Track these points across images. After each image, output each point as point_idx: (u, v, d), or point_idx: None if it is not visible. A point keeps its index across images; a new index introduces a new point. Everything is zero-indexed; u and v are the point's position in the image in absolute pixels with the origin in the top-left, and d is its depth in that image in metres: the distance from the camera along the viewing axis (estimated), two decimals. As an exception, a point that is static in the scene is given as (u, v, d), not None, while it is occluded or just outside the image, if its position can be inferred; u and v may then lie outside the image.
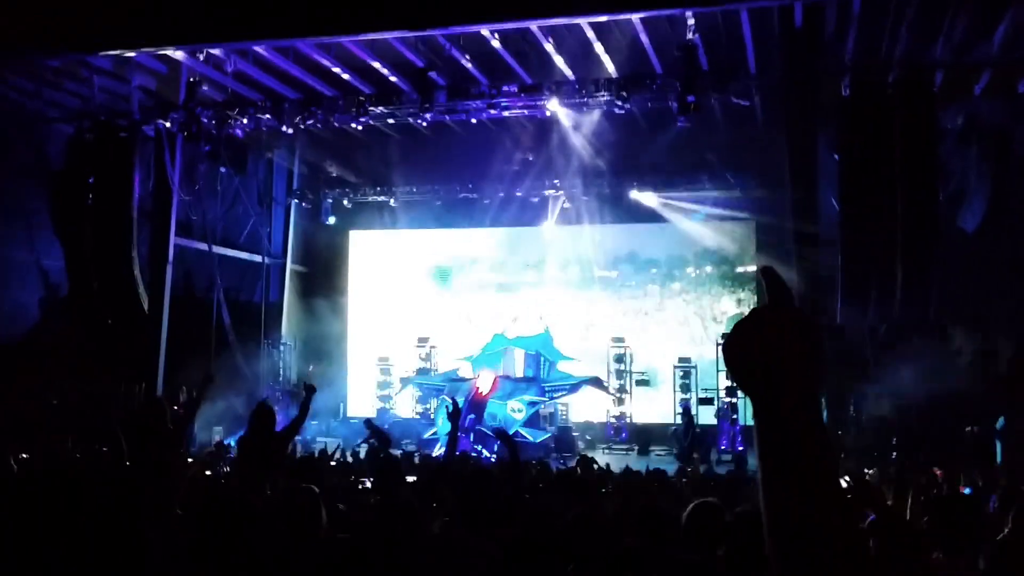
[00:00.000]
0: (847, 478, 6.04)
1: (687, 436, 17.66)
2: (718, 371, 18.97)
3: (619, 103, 15.46)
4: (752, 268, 20.59)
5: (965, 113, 15.96)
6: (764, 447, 1.12)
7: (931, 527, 4.20)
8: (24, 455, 7.98)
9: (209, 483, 6.99)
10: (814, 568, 1.03)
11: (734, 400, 18.29)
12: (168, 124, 16.70)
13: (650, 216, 20.38)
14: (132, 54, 15.50)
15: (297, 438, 9.75)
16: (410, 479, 7.23)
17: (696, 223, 20.42)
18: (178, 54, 15.76)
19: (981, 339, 15.30)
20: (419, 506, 4.25)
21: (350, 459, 12.38)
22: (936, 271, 14.40)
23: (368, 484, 7.64)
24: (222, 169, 19.31)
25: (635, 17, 13.79)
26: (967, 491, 7.78)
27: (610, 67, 15.64)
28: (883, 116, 14.73)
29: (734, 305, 20.81)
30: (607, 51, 15.30)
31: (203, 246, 18.81)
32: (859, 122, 14.94)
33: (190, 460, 10.40)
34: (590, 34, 14.65)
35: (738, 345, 1.14)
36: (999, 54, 14.66)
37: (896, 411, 14.64)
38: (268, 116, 17.04)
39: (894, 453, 13.95)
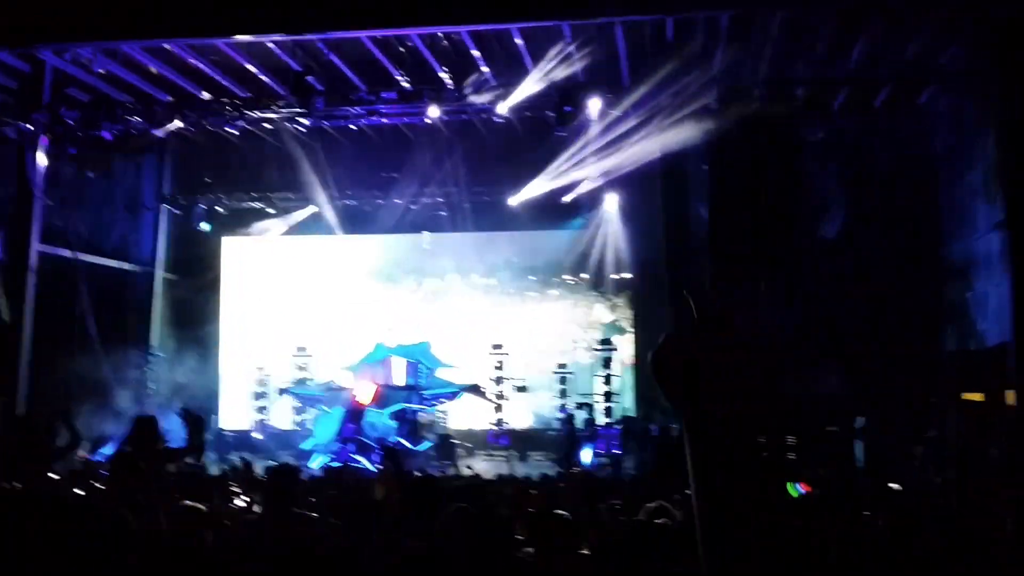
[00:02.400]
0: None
1: (569, 440, 17.93)
2: (592, 376, 19.37)
3: (498, 111, 15.62)
4: (627, 275, 21.07)
5: (825, 127, 16.76)
6: (692, 452, 1.18)
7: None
8: None
9: (79, 503, 6.72)
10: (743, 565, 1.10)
11: (610, 405, 18.71)
12: (31, 126, 15.99)
13: (528, 223, 20.60)
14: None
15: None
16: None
17: (574, 231, 20.77)
18: (43, 53, 15.14)
19: (839, 341, 16.03)
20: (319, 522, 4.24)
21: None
22: (801, 280, 15.06)
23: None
24: (88, 173, 18.61)
25: (513, 27, 14.00)
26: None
27: (489, 76, 15.79)
28: (749, 128, 15.34)
29: (608, 312, 21.25)
30: (486, 60, 15.46)
31: (67, 253, 18.10)
32: (726, 134, 15.51)
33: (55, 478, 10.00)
34: (469, 42, 14.78)
35: (666, 360, 1.21)
36: (856, 71, 15.48)
37: (761, 416, 15.21)
38: (137, 118, 16.53)
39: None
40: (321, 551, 3.75)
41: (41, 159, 16.56)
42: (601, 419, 18.85)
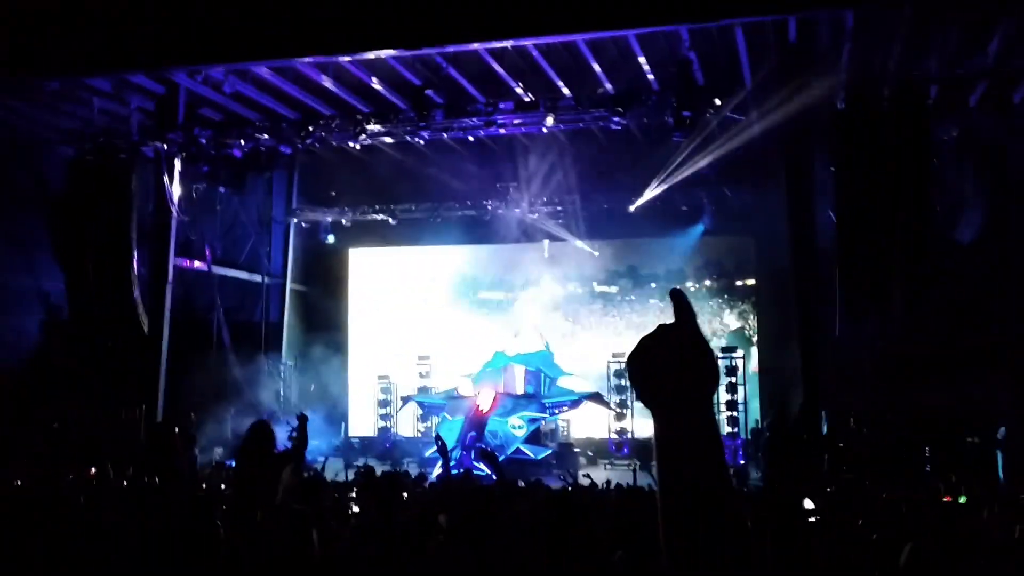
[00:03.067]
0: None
1: None
2: (718, 385, 18.95)
3: (615, 119, 15.51)
4: (751, 282, 20.64)
5: (960, 126, 16.00)
6: (661, 453, 1.18)
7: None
8: (19, 481, 7.98)
9: (203, 502, 6.96)
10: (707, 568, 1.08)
11: (734, 414, 18.29)
12: (166, 145, 16.74)
13: (649, 231, 20.41)
14: (131, 76, 15.60)
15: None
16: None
17: (695, 238, 20.47)
18: (176, 75, 15.84)
19: (980, 350, 15.29)
20: (414, 527, 4.27)
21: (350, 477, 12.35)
22: (934, 285, 14.42)
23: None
24: (221, 189, 19.37)
25: (630, 34, 13.88)
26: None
27: (606, 84, 15.72)
28: (878, 129, 14.80)
29: (735, 319, 20.84)
30: (603, 68, 15.39)
31: (203, 266, 18.87)
32: (855, 135, 15.01)
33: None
34: (586, 51, 14.73)
35: (639, 361, 1.22)
36: (993, 66, 14.73)
37: (897, 424, 14.61)
38: (266, 136, 17.12)
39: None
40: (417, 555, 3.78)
41: (177, 177, 17.30)
42: (725, 428, 18.45)
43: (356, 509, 7.28)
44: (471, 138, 17.38)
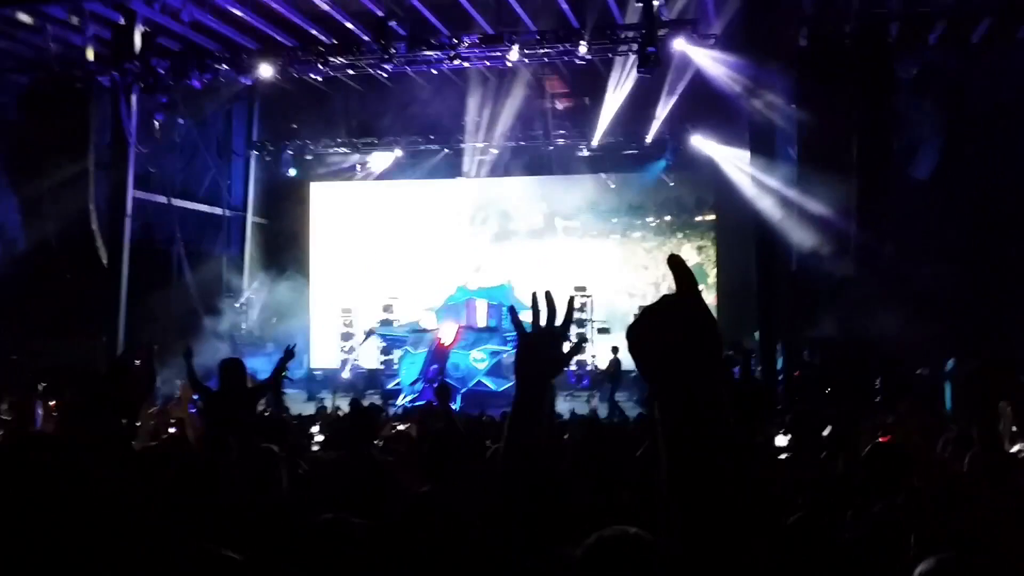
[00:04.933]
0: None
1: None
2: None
3: (580, 53, 15.46)
4: (711, 217, 20.86)
5: (920, 63, 16.16)
6: (665, 428, 1.18)
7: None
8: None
9: (174, 441, 7.03)
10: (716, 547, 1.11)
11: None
12: (123, 75, 16.40)
13: (611, 166, 20.51)
14: (87, 3, 15.24)
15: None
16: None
17: (657, 173, 20.59)
18: (133, 3, 15.50)
19: (933, 285, 15.62)
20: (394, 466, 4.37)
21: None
22: (889, 220, 14.68)
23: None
24: (180, 121, 19.09)
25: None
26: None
27: (572, 20, 15.64)
28: (840, 66, 14.91)
29: (695, 253, 21.08)
30: (568, 2, 15.30)
31: (162, 199, 18.67)
32: (816, 72, 15.10)
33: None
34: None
35: (642, 332, 1.21)
36: (953, 4, 14.86)
37: (849, 356, 14.95)
38: (226, 67, 16.81)
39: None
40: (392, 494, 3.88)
41: (134, 108, 16.99)
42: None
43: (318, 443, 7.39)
44: (435, 71, 17.20)
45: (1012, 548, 2.63)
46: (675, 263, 1.28)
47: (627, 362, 18.99)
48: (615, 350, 18.14)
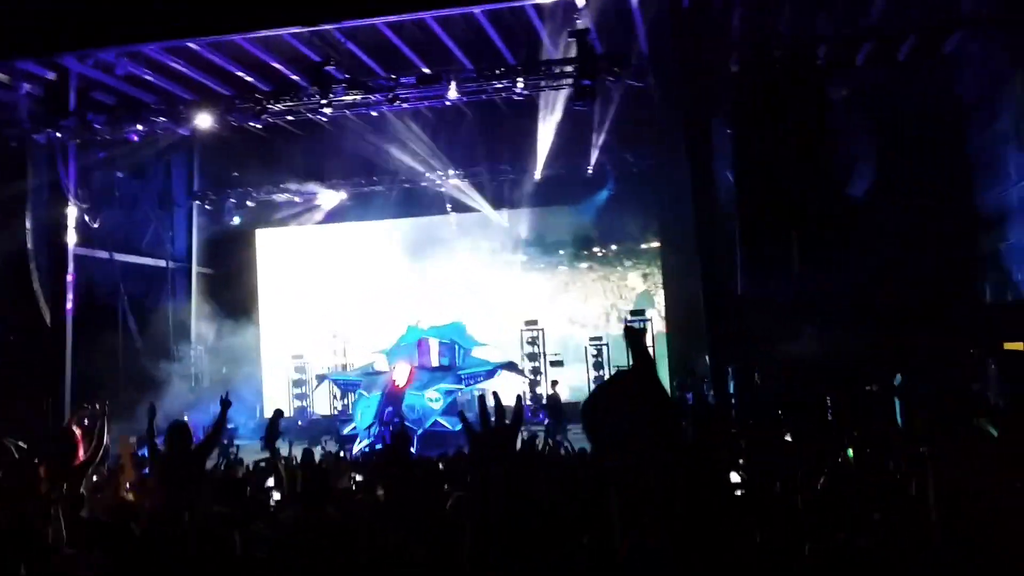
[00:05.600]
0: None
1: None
2: (628, 347, 19.37)
3: (517, 89, 15.60)
4: (655, 244, 21.09)
5: (850, 84, 16.54)
6: (616, 497, 1.19)
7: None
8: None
9: (122, 506, 6.88)
10: None
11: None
12: (59, 132, 16.22)
13: (554, 199, 20.69)
14: (18, 62, 15.08)
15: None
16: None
17: (600, 203, 20.79)
18: (66, 60, 15.36)
19: (877, 301, 15.90)
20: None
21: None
22: (831, 240, 14.94)
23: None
24: (118, 174, 18.89)
25: (526, 3, 13.97)
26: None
27: (507, 56, 15.81)
28: (772, 90, 15.22)
29: (640, 281, 21.27)
30: (502, 38, 15.46)
31: (104, 254, 18.42)
32: (749, 97, 15.40)
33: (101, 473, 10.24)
34: (485, 22, 14.79)
35: (594, 407, 1.24)
36: (878, 24, 15.26)
37: (799, 377, 15.12)
38: (163, 119, 16.70)
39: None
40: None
41: (72, 164, 16.80)
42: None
43: (276, 497, 7.27)
44: (374, 113, 17.24)
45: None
46: (630, 335, 1.33)
47: (574, 395, 19.08)
48: (554, 384, 18.27)
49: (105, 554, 3.82)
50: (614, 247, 21.40)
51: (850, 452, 5.99)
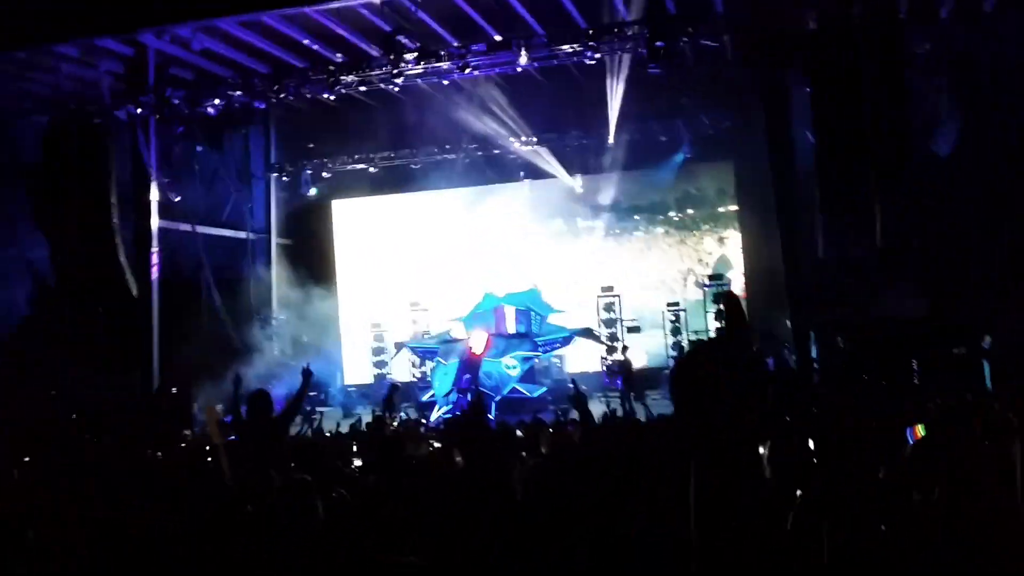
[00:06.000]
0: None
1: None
2: (706, 312, 19.21)
3: (589, 53, 15.42)
4: (733, 208, 20.74)
5: (932, 39, 15.96)
6: (697, 464, 1.14)
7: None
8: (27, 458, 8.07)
9: (210, 474, 7.03)
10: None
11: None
12: (140, 108, 16.59)
13: (630, 163, 20.46)
14: (97, 40, 15.42)
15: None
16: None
17: (676, 168, 20.52)
18: (144, 36, 15.66)
19: (962, 262, 15.44)
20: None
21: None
22: (914, 199, 14.51)
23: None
24: (198, 148, 19.26)
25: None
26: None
27: (579, 19, 15.62)
28: (851, 47, 14.76)
29: (717, 245, 20.97)
30: (574, 3, 15.27)
31: (187, 227, 18.83)
32: (828, 55, 14.96)
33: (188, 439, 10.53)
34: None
35: (686, 372, 1.18)
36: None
37: (883, 338, 14.79)
38: (239, 92, 16.97)
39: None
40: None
41: (153, 139, 17.19)
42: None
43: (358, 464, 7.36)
44: (446, 82, 17.24)
45: None
46: (728, 301, 1.29)
47: (653, 361, 18.95)
48: (624, 349, 18.17)
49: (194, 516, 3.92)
50: (691, 211, 21.11)
51: (920, 429, 5.76)
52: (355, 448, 8.58)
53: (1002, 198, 15.11)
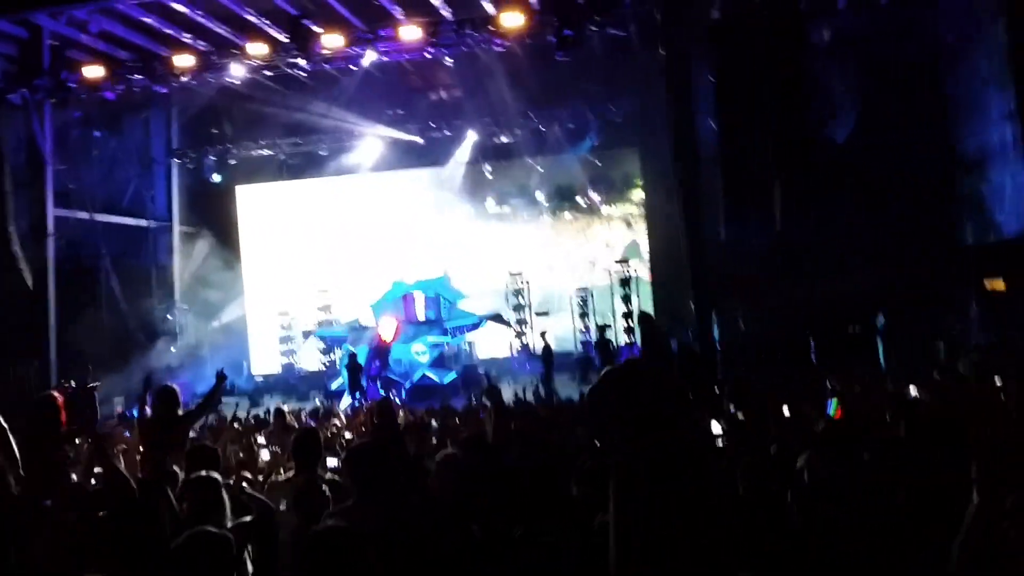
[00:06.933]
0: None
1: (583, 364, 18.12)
2: (612, 296, 19.53)
3: (497, 41, 15.47)
4: (639, 192, 21.09)
5: (831, 28, 16.46)
6: (616, 488, 1.13)
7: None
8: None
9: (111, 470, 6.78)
10: None
11: (630, 324, 18.88)
12: (34, 92, 15.99)
13: (537, 149, 20.61)
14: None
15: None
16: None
17: (582, 154, 20.74)
18: (38, 17, 15.11)
19: (858, 243, 15.97)
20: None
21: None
22: (812, 184, 14.98)
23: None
24: (96, 133, 18.68)
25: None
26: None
27: (488, 7, 15.62)
28: (754, 37, 15.13)
29: (625, 229, 21.31)
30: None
31: (84, 214, 18.27)
32: (731, 44, 15.32)
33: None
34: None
35: (602, 396, 1.16)
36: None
37: (782, 320, 15.23)
38: (139, 76, 16.49)
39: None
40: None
41: (47, 124, 16.60)
42: (623, 339, 19.01)
43: (265, 455, 7.26)
44: (352, 67, 17.05)
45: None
46: (645, 321, 1.27)
47: (561, 345, 19.16)
48: (543, 335, 18.33)
49: (93, 520, 3.85)
50: (597, 197, 21.37)
51: (834, 402, 6.02)
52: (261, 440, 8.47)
53: (896, 182, 15.69)
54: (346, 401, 16.44)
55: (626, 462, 1.12)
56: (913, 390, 7.94)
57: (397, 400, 15.53)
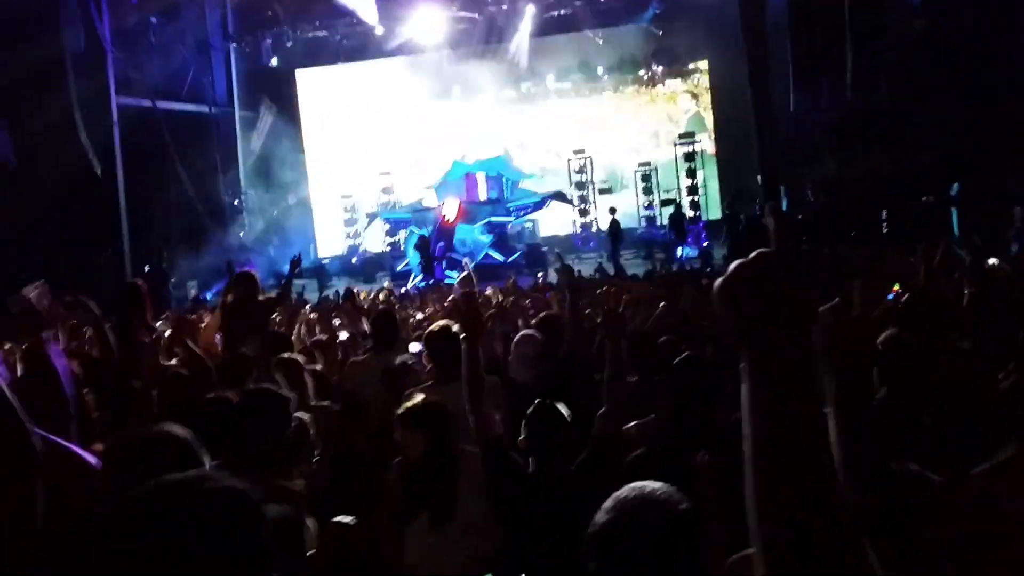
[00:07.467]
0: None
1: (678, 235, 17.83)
2: (677, 172, 19.20)
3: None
4: (704, 63, 20.48)
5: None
6: (755, 394, 1.04)
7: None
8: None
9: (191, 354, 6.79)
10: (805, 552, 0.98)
11: (695, 198, 18.61)
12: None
13: (597, 21, 20.02)
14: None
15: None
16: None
17: (645, 25, 20.12)
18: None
19: (933, 110, 15.41)
20: None
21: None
22: (884, 51, 14.39)
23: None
24: (152, 20, 18.58)
25: None
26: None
27: None
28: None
29: (690, 102, 20.81)
30: None
31: (146, 102, 18.34)
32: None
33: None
34: None
35: (733, 290, 1.07)
36: None
37: (852, 190, 14.89)
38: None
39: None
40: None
41: (105, 10, 16.53)
42: (688, 212, 18.76)
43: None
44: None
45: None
46: (776, 213, 1.17)
47: (625, 221, 18.98)
48: (612, 211, 18.10)
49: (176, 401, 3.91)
50: (660, 69, 20.81)
51: (896, 286, 5.81)
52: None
53: (973, 55, 14.98)
54: (412, 280, 16.62)
55: (769, 357, 1.04)
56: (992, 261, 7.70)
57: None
